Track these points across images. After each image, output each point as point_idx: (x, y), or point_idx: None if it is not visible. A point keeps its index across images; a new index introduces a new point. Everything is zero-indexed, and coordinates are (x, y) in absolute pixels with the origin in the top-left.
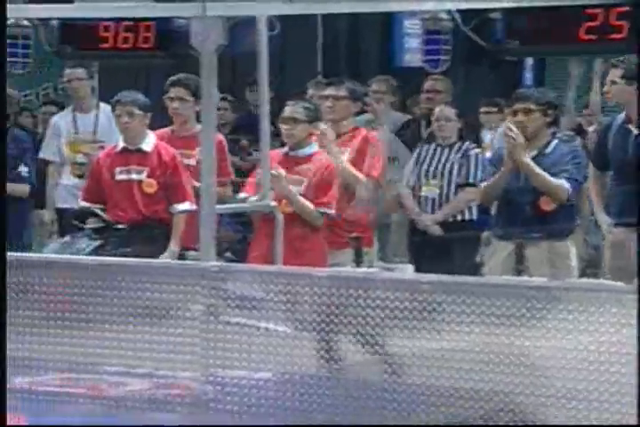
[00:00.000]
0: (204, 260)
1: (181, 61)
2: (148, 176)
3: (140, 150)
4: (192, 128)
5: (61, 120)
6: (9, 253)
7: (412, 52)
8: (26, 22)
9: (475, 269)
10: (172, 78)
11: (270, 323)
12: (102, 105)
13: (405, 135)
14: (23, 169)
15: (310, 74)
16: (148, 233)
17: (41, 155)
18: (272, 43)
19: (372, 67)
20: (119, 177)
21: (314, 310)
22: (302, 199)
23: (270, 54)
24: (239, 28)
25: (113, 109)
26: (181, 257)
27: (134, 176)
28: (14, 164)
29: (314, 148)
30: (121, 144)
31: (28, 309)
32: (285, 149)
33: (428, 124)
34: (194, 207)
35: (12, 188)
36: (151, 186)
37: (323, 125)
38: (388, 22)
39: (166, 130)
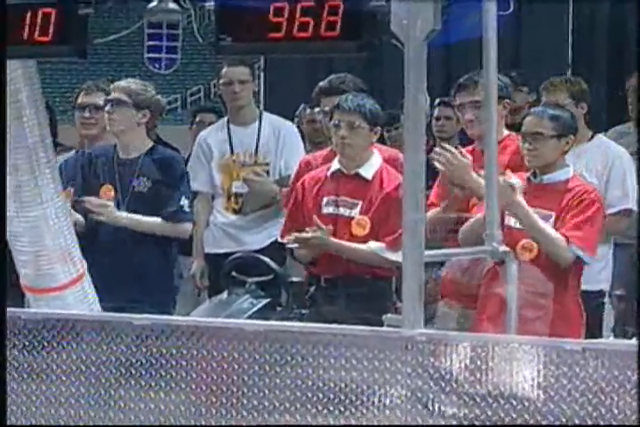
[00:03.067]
0: (407, 326)
1: (377, 54)
2: (362, 212)
3: (358, 176)
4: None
5: (212, 137)
6: (145, 316)
7: None
8: (172, 5)
9: None
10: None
11: None
12: (266, 115)
13: None
14: (184, 202)
15: (556, 68)
16: (347, 289)
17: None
18: (503, 27)
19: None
20: (327, 210)
21: None
22: (549, 229)
23: (500, 42)
24: (454, 7)
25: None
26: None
27: (343, 211)
28: (169, 195)
29: (569, 172)
30: (335, 166)
31: (166, 389)
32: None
33: None
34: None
35: (171, 228)
36: (363, 226)
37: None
38: None
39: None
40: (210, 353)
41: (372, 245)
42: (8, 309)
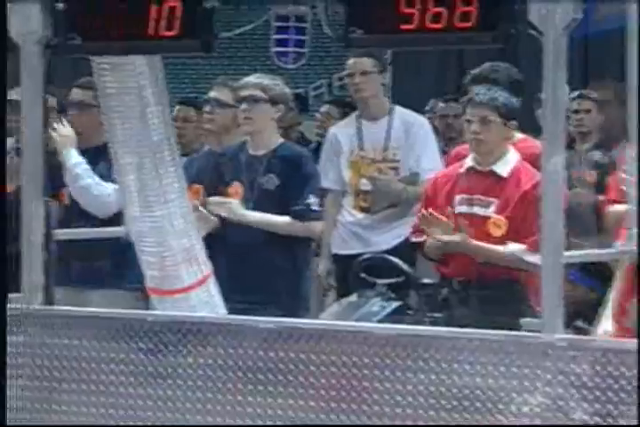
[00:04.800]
0: (546, 331)
1: (512, 46)
2: (497, 211)
3: (492, 173)
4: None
5: (341, 132)
6: (271, 319)
7: None
8: None
9: None
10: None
11: None
12: (398, 109)
13: None
14: (313, 200)
15: None
16: (481, 292)
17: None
18: None
19: None
20: (460, 209)
21: None
22: None
23: None
24: None
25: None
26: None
27: (478, 210)
28: (298, 193)
29: None
30: (468, 162)
31: (294, 395)
32: None
33: None
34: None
35: (300, 227)
36: (499, 226)
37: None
38: None
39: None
40: (339, 358)
41: (512, 246)
42: (134, 311)
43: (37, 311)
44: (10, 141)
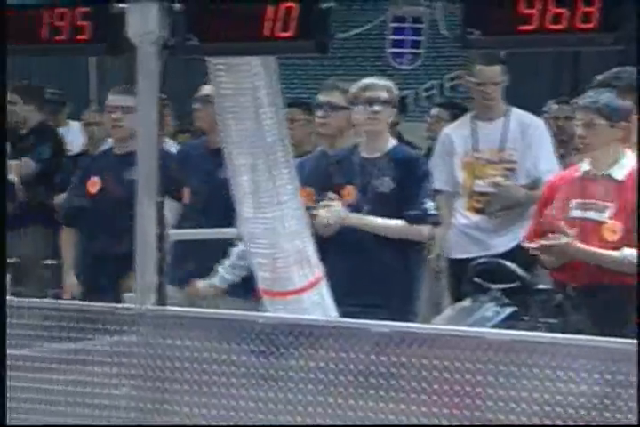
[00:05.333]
0: None
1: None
2: (613, 216)
3: (608, 177)
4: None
5: (455, 133)
6: (384, 323)
7: None
8: None
9: None
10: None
11: None
12: (514, 110)
13: None
14: (428, 204)
15: None
16: (596, 298)
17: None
18: None
19: None
20: (574, 213)
21: None
22: None
23: None
24: None
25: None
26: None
27: (592, 215)
28: (412, 196)
29: None
30: (584, 166)
31: (405, 400)
32: None
33: None
34: None
35: (414, 231)
36: (614, 231)
37: None
38: None
39: None
40: (451, 363)
41: (627, 251)
42: (245, 312)
43: (150, 312)
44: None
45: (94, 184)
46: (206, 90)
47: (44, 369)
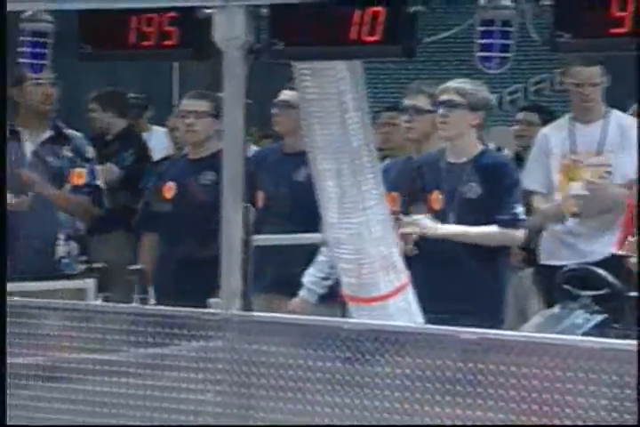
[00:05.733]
0: None
1: None
2: None
3: None
4: None
5: (553, 134)
6: (472, 329)
7: None
8: (505, 1)
9: None
10: None
11: None
12: (614, 112)
13: None
14: (519, 210)
15: None
16: None
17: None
18: None
19: None
20: None
21: None
22: None
23: None
24: None
25: None
26: None
27: None
28: (502, 202)
29: None
30: None
31: (493, 409)
32: None
33: None
34: None
35: (504, 237)
36: None
37: None
38: None
39: None
40: (541, 371)
41: None
42: (331, 319)
43: (236, 317)
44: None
45: (170, 189)
46: (285, 95)
47: (130, 374)
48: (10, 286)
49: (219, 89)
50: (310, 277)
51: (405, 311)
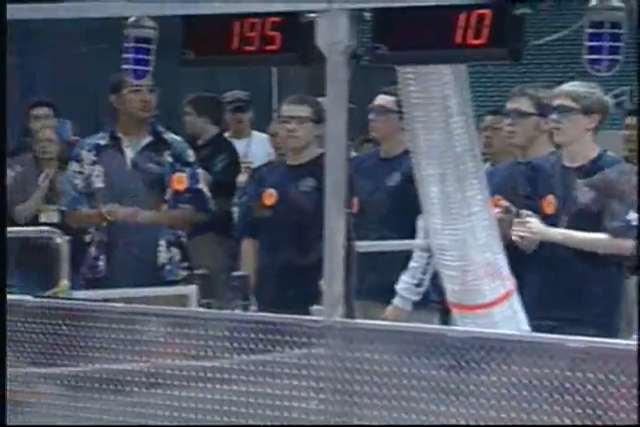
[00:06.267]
0: None
1: None
2: None
3: None
4: None
5: None
6: (580, 338)
7: None
8: (616, 2)
9: None
10: None
11: None
12: None
13: None
14: (633, 216)
15: None
16: None
17: None
18: None
19: None
20: None
21: None
22: None
23: None
24: None
25: None
26: None
27: None
28: (616, 208)
29: None
30: None
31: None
32: None
33: None
34: None
35: (616, 245)
36: None
37: None
38: None
39: None
40: None
41: None
42: (434, 326)
43: (338, 324)
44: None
45: (270, 196)
46: (381, 99)
47: (232, 381)
48: (112, 293)
49: (317, 93)
50: (403, 284)
51: (511, 319)
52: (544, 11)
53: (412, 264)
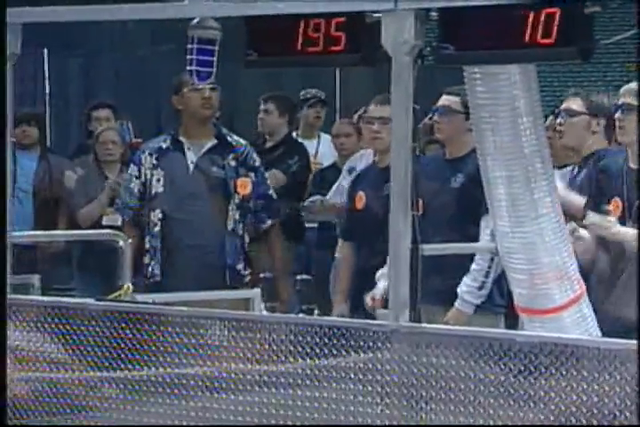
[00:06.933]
0: None
1: None
2: None
3: None
4: None
5: None
6: (629, 342)
7: None
8: None
9: None
10: None
11: None
12: None
13: None
14: None
15: None
16: None
17: None
18: None
19: None
20: None
21: None
22: None
23: None
24: None
25: None
26: None
27: None
28: None
29: None
30: None
31: None
32: None
33: None
34: None
35: None
36: None
37: None
38: None
39: None
40: None
41: None
42: (503, 331)
43: (404, 328)
44: None
45: (360, 199)
46: (445, 100)
47: (296, 386)
48: (175, 296)
49: (380, 93)
50: (465, 287)
51: (581, 324)
52: (612, 10)
53: (474, 267)
